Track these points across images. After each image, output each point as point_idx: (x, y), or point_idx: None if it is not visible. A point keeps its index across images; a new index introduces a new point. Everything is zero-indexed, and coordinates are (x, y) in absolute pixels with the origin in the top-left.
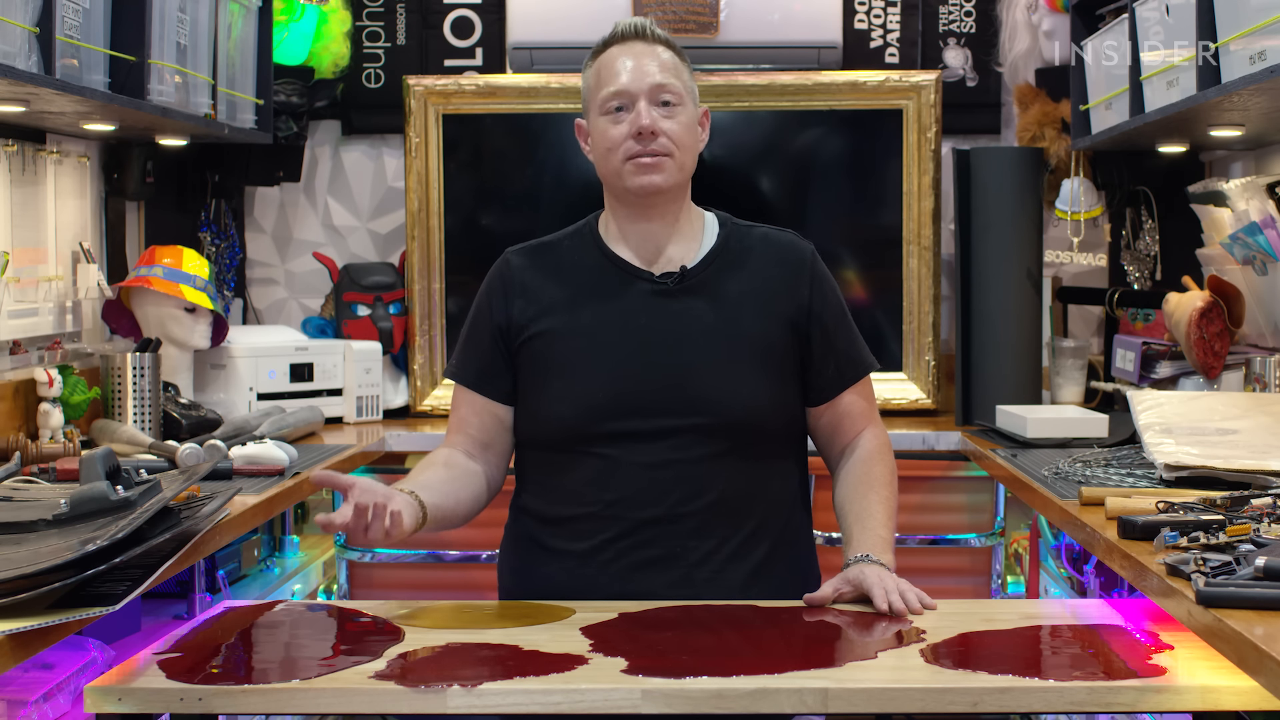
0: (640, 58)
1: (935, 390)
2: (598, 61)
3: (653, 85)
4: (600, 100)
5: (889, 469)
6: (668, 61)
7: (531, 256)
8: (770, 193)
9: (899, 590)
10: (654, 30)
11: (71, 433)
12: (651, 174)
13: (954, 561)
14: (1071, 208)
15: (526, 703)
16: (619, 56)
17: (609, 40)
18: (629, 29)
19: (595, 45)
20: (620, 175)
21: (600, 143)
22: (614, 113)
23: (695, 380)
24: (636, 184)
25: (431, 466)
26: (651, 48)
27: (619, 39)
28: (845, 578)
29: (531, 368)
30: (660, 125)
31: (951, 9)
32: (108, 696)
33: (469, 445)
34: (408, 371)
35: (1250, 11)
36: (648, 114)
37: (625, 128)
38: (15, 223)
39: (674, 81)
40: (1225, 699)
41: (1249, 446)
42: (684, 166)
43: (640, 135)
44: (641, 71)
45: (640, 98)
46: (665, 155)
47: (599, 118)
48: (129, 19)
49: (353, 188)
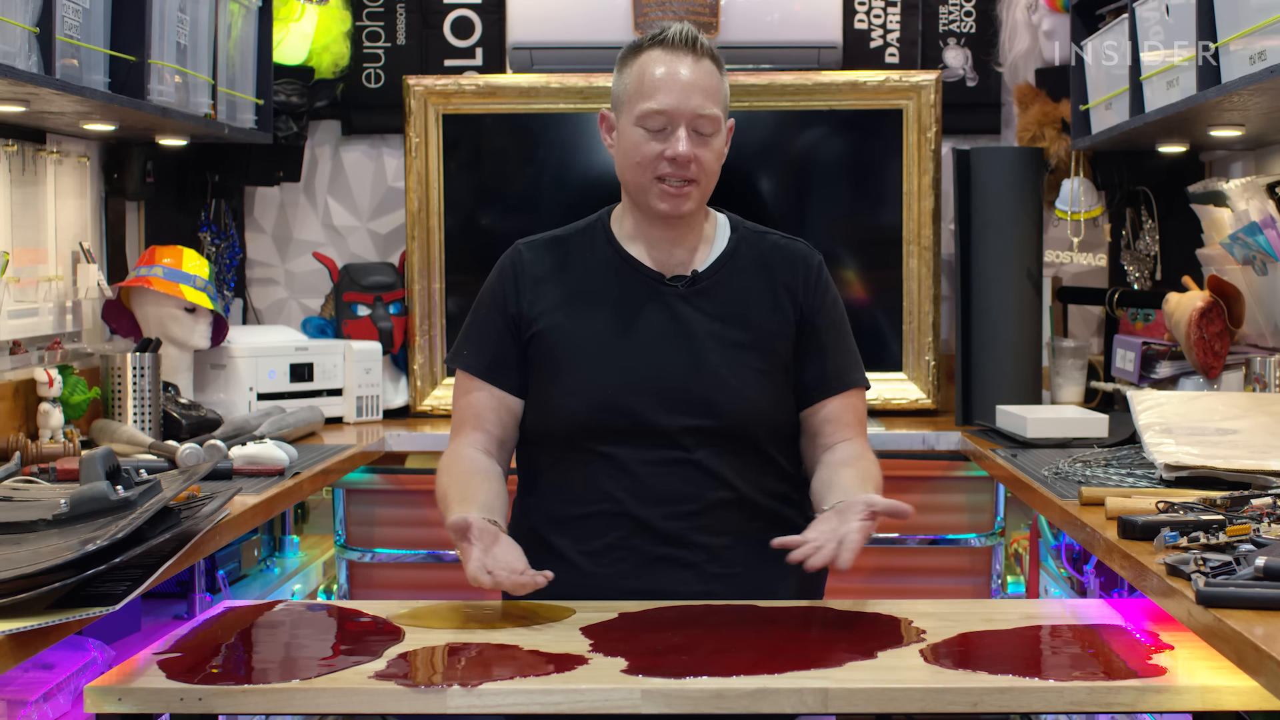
0: (687, 75)
1: (935, 390)
2: (639, 62)
3: (695, 114)
4: (639, 111)
5: (871, 464)
6: (712, 82)
7: (543, 249)
8: (770, 193)
9: (840, 539)
10: (704, 43)
11: (71, 433)
12: (678, 202)
13: (954, 561)
14: (1071, 208)
15: (526, 703)
16: (664, 65)
17: (655, 40)
18: (679, 38)
19: (639, 40)
20: (645, 192)
21: (630, 153)
22: (651, 129)
23: (703, 382)
24: (661, 209)
25: (477, 478)
26: (699, 63)
27: (668, 44)
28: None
29: (540, 362)
30: (696, 154)
31: (951, 9)
32: (108, 696)
33: (488, 443)
34: (408, 371)
35: (1250, 11)
36: (686, 143)
37: (660, 148)
38: (15, 223)
39: (715, 110)
40: (1225, 699)
41: (1249, 446)
42: (707, 191)
43: (675, 161)
44: (687, 94)
45: (680, 122)
46: (694, 183)
47: (633, 126)
48: (129, 19)
49: (353, 188)
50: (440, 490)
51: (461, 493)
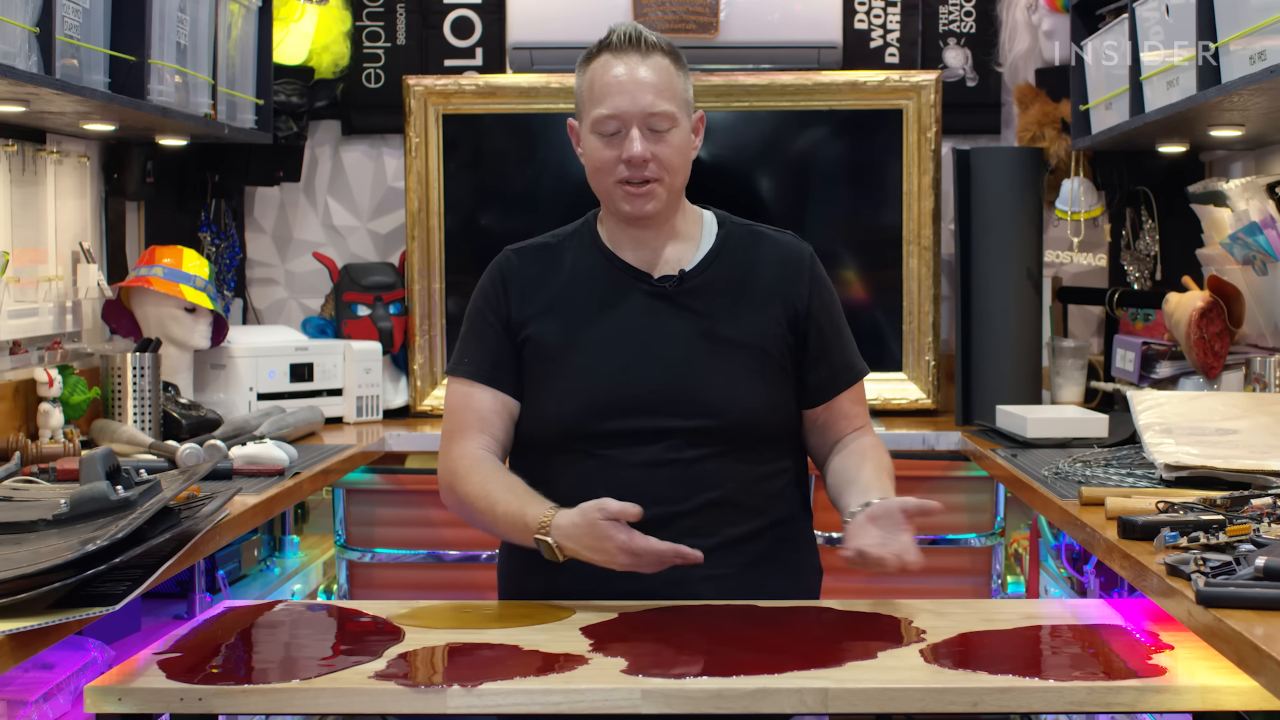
0: (635, 74)
1: (935, 390)
2: (590, 70)
3: (646, 113)
4: (592, 118)
5: (883, 454)
6: (662, 79)
7: (531, 255)
8: (770, 193)
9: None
10: (649, 38)
11: (71, 433)
12: (640, 202)
13: (954, 561)
14: (1071, 208)
15: (526, 703)
16: (612, 69)
17: (602, 46)
18: (623, 38)
19: (589, 49)
20: (610, 197)
21: (591, 159)
22: (605, 135)
23: (694, 382)
24: (626, 210)
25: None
26: (648, 59)
27: (613, 47)
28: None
29: (530, 367)
30: (651, 152)
31: (951, 9)
32: (108, 696)
33: (494, 447)
34: (408, 371)
35: (1250, 11)
36: (640, 143)
37: (616, 152)
38: (15, 223)
39: (667, 106)
40: (1225, 699)
41: (1249, 446)
42: (674, 188)
43: (630, 163)
44: (634, 94)
45: (633, 123)
46: (655, 181)
47: (590, 134)
48: (129, 19)
49: (353, 188)
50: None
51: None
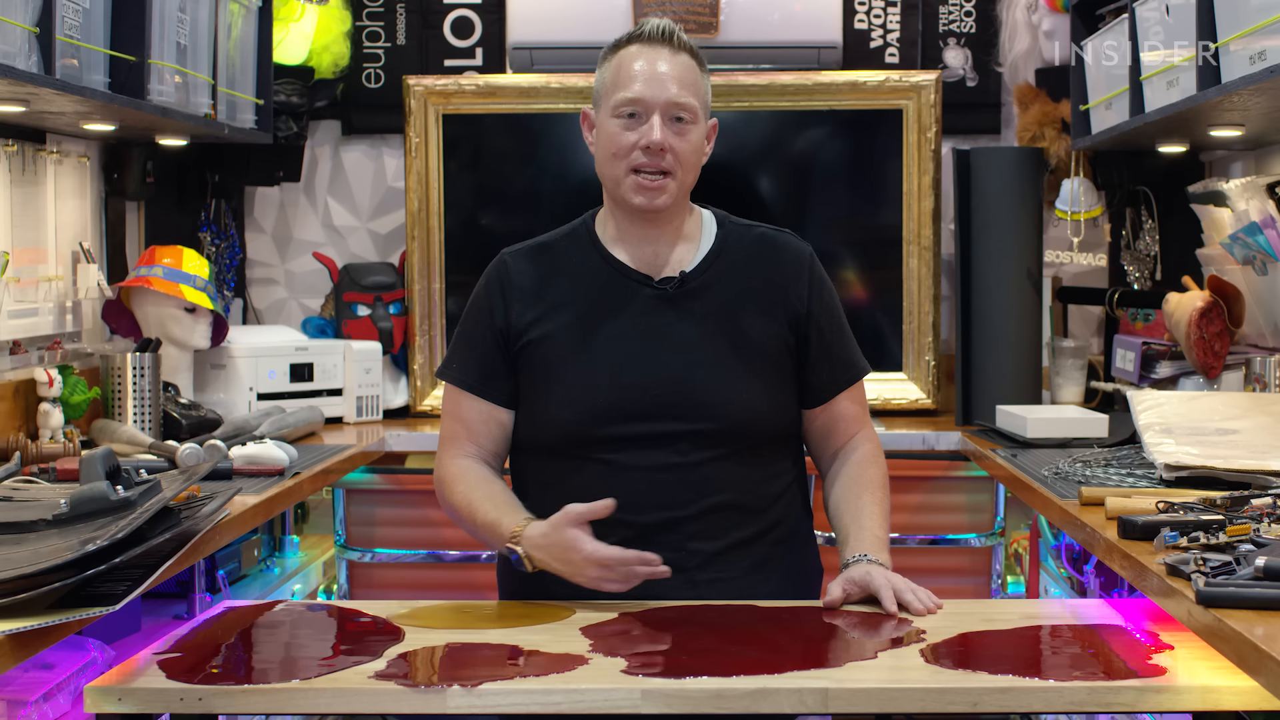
0: (662, 66)
1: (935, 390)
2: (618, 57)
3: (670, 101)
4: (614, 102)
5: (882, 472)
6: (689, 75)
7: (528, 259)
8: (770, 193)
9: (909, 589)
10: (681, 37)
11: (71, 433)
12: (652, 195)
13: (954, 561)
14: (1071, 208)
15: (526, 703)
16: (641, 59)
17: (633, 37)
18: (656, 31)
19: (619, 38)
20: (620, 185)
21: (606, 144)
22: (626, 118)
23: (696, 385)
24: (636, 202)
25: (495, 484)
26: (676, 55)
27: (644, 39)
28: (850, 578)
29: (531, 372)
30: (670, 142)
31: (951, 9)
32: (108, 696)
33: (483, 456)
34: (408, 371)
35: (1250, 11)
36: (660, 130)
37: (635, 137)
38: (15, 223)
39: (691, 100)
40: (1225, 699)
41: (1249, 446)
42: (685, 185)
43: (649, 149)
44: (661, 83)
45: (655, 110)
46: (669, 175)
47: (609, 118)
48: (129, 19)
49: (353, 188)
50: (461, 499)
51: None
